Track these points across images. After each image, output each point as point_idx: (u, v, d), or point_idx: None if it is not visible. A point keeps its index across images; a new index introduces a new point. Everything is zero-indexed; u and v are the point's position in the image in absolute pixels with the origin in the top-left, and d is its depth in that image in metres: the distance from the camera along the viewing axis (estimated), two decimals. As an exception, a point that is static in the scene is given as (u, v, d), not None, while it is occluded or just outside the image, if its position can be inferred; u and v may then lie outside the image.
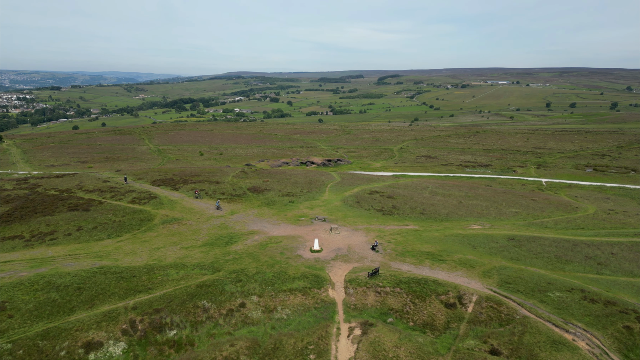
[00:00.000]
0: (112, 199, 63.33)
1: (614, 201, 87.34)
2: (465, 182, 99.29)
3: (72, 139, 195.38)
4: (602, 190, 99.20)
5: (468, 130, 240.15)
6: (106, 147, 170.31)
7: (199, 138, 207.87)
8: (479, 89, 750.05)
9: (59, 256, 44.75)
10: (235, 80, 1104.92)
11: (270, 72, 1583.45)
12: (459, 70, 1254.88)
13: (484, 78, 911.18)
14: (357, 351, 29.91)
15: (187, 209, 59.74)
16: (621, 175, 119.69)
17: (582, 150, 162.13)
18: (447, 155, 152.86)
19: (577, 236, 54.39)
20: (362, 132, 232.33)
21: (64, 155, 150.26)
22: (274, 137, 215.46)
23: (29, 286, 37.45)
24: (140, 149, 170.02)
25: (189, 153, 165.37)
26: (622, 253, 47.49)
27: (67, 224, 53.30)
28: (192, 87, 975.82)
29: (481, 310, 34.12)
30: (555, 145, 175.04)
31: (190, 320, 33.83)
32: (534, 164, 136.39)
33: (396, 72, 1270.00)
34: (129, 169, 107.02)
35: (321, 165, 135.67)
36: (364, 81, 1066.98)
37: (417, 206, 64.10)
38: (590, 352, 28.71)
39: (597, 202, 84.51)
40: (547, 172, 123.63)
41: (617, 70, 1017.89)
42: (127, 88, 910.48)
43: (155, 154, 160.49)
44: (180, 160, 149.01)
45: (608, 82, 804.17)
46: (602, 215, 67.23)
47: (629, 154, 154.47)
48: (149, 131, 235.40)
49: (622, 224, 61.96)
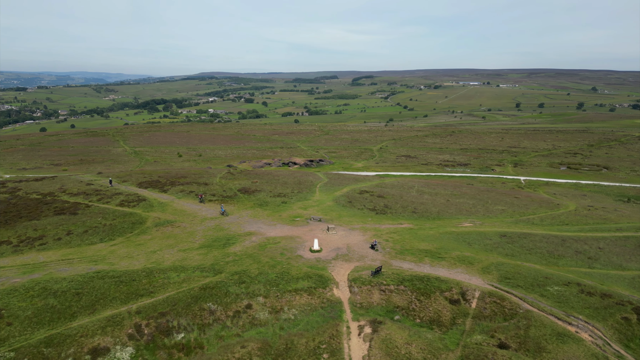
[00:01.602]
0: (100, 202, 61.75)
1: (591, 198, 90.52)
2: (448, 181, 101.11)
3: (43, 141, 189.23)
4: (578, 188, 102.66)
5: (444, 130, 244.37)
6: (79, 150, 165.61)
7: (176, 139, 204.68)
8: (451, 89, 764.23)
9: (52, 261, 43.42)
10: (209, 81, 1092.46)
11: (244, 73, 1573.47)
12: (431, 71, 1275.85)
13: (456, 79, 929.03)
14: (370, 349, 30.16)
15: (178, 211, 58.83)
16: (594, 173, 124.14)
17: (555, 149, 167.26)
18: (427, 155, 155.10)
19: (564, 232, 56.19)
20: (340, 132, 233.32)
21: (35, 158, 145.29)
22: (252, 137, 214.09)
23: (24, 293, 36.27)
24: (115, 151, 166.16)
25: (167, 155, 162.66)
26: (608, 247, 49.36)
27: (56, 228, 51.70)
28: (164, 87, 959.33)
29: (485, 306, 34.91)
30: (529, 144, 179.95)
31: (197, 323, 33.42)
32: (511, 163, 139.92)
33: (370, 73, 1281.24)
34: (108, 171, 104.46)
35: (303, 166, 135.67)
36: (338, 82, 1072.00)
37: (408, 205, 64.96)
38: (594, 343, 29.79)
39: (575, 198, 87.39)
40: (524, 171, 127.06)
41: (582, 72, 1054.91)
42: (97, 89, 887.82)
43: (132, 156, 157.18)
44: (159, 162, 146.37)
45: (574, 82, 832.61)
46: (583, 212, 69.61)
47: (599, 152, 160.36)
48: (123, 133, 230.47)
49: (603, 220, 64.31)
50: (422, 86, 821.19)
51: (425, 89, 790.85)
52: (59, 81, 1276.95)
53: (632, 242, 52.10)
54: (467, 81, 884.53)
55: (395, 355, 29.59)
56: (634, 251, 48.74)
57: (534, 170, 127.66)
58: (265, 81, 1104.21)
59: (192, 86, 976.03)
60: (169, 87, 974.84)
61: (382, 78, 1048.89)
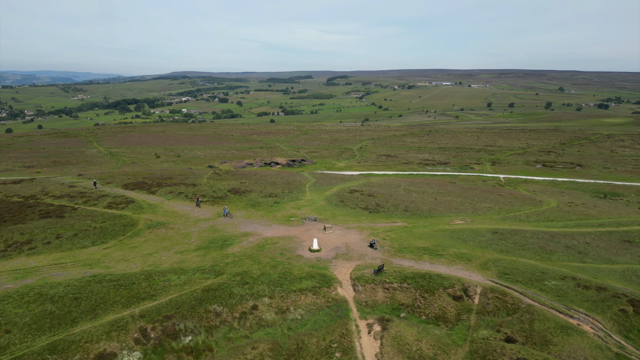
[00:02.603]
0: (86, 205, 60.07)
1: (569, 194, 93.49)
2: (431, 180, 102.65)
3: (12, 143, 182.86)
4: (555, 185, 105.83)
5: (421, 129, 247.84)
6: (52, 151, 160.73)
7: (152, 140, 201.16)
8: (424, 89, 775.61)
9: (43, 266, 42.03)
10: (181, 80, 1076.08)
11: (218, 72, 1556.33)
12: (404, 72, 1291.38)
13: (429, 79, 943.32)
14: (382, 347, 30.40)
15: (170, 213, 57.80)
16: (569, 170, 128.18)
17: (529, 148, 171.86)
18: (406, 154, 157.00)
19: (550, 228, 57.87)
20: (319, 132, 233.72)
21: (5, 160, 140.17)
22: (230, 138, 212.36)
23: (19, 299, 35.05)
24: (89, 152, 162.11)
25: (144, 155, 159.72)
26: (595, 242, 51.11)
27: (44, 232, 50.05)
28: (135, 87, 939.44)
29: (488, 301, 35.66)
30: (505, 143, 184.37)
31: (204, 325, 33.00)
32: (489, 161, 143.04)
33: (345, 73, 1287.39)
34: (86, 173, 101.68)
35: (286, 166, 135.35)
36: (313, 82, 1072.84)
37: (399, 204, 65.67)
38: (596, 335, 30.83)
39: (555, 195, 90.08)
40: (502, 169, 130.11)
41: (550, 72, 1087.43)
42: (64, 88, 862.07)
43: (107, 157, 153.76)
44: (136, 163, 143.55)
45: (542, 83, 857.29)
46: (565, 208, 71.83)
47: (572, 150, 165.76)
48: (96, 133, 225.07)
49: (585, 216, 66.53)
50: (396, 86, 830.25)
51: (399, 89, 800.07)
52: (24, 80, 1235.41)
53: (615, 237, 54.08)
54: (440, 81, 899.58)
55: (407, 352, 29.93)
56: (619, 245, 50.61)
57: (511, 169, 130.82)
58: (239, 81, 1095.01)
59: (164, 86, 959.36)
60: (140, 86, 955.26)
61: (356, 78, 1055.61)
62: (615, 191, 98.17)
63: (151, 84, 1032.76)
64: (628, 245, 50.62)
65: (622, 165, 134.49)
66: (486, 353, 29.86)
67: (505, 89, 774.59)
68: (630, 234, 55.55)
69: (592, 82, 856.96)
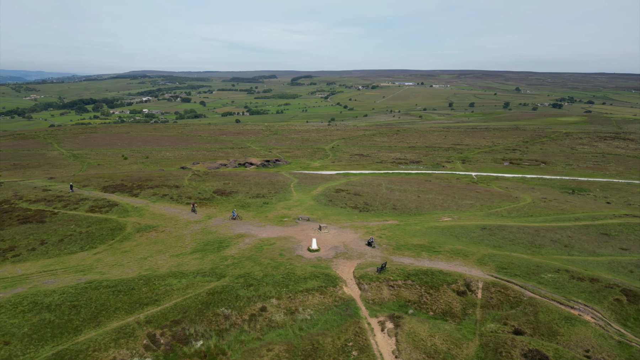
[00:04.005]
0: (66, 209, 57.52)
1: (540, 191, 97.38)
2: (409, 178, 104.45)
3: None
4: (525, 182, 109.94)
5: (390, 129, 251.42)
6: (10, 154, 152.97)
7: (116, 141, 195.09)
8: (387, 89, 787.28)
9: (32, 273, 40.02)
10: (141, 80, 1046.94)
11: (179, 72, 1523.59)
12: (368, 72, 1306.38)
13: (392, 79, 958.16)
14: (398, 343, 30.75)
15: (158, 216, 56.18)
16: (535, 167, 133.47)
17: (495, 146, 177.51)
18: (378, 153, 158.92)
19: (531, 223, 60.08)
20: (289, 132, 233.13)
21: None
22: (198, 138, 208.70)
23: (12, 308, 33.34)
24: (51, 155, 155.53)
25: (111, 157, 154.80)
26: (576, 236, 53.49)
27: (26, 238, 47.61)
28: (92, 86, 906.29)
29: (491, 295, 36.70)
30: (471, 142, 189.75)
31: (214, 328, 32.40)
32: (458, 160, 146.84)
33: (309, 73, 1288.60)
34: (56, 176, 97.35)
35: (260, 166, 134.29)
36: (277, 81, 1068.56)
37: (386, 202, 66.44)
38: (597, 324, 32.30)
39: (527, 192, 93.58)
40: (473, 167, 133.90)
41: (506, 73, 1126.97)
42: (16, 88, 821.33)
43: (71, 159, 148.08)
44: (104, 166, 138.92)
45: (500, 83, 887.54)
46: (540, 204, 74.70)
47: (535, 148, 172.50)
48: (55, 135, 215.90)
49: (561, 210, 69.43)
50: (360, 86, 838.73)
51: (363, 89, 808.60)
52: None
53: (593, 230, 56.75)
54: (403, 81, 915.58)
55: (423, 348, 30.41)
56: (599, 238, 53.16)
57: (481, 166, 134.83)
58: (201, 80, 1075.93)
59: (123, 85, 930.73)
60: (97, 86, 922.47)
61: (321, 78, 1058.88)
62: (581, 187, 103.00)
63: (109, 83, 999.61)
64: (607, 238, 53.23)
65: (583, 162, 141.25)
66: (497, 346, 30.74)
67: (465, 89, 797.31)
68: (606, 227, 58.43)
69: (546, 83, 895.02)
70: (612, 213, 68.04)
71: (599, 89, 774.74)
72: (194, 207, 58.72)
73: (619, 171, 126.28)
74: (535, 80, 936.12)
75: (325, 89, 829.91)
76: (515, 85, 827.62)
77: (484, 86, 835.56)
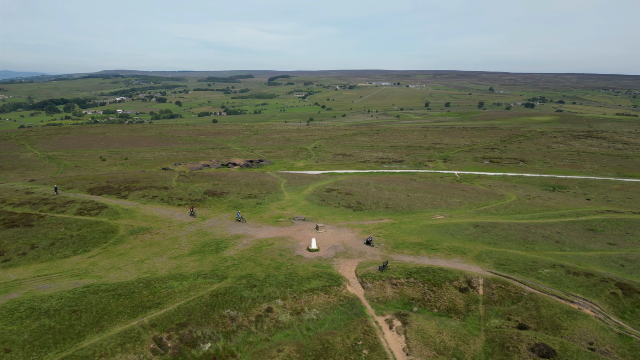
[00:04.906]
0: (53, 212, 55.86)
1: (522, 188, 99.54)
2: (395, 177, 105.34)
3: None
4: (506, 180, 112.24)
5: (370, 128, 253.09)
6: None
7: (93, 142, 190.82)
8: (365, 89, 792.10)
9: (25, 279, 38.76)
10: (114, 79, 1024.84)
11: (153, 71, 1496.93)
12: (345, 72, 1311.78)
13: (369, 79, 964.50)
14: (408, 341, 31.00)
15: (150, 217, 55.11)
16: (514, 166, 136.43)
17: (474, 145, 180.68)
18: (361, 153, 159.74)
19: (520, 220, 61.45)
20: (270, 132, 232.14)
21: None
22: (177, 139, 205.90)
23: (9, 315, 32.32)
24: (25, 156, 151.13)
25: (88, 159, 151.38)
26: (565, 232, 54.97)
27: (15, 242, 46.06)
28: (63, 86, 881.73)
29: (492, 291, 37.36)
30: (451, 141, 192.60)
31: (221, 330, 32.06)
32: (440, 158, 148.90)
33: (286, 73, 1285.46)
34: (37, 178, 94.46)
35: (244, 167, 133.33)
36: (254, 81, 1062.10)
37: (378, 201, 66.87)
38: (597, 318, 33.25)
39: (510, 189, 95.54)
40: (454, 165, 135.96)
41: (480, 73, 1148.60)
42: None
43: (46, 161, 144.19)
44: (81, 167, 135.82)
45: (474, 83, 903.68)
46: (525, 201, 76.44)
47: (512, 146, 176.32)
48: (27, 136, 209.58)
49: (545, 207, 71.20)
50: (337, 86, 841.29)
51: (340, 89, 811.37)
52: None
53: (579, 226, 58.43)
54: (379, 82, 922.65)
55: (432, 345, 30.75)
56: (586, 234, 54.79)
57: (462, 165, 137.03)
58: (176, 80, 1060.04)
59: (95, 85, 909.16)
60: (68, 85, 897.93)
61: (298, 78, 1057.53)
62: (560, 184, 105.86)
63: (80, 83, 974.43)
64: (593, 234, 54.90)
65: (559, 160, 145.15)
66: (503, 341, 31.32)
67: (441, 89, 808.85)
68: (591, 223, 60.23)
69: (518, 83, 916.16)
70: (594, 209, 70.23)
71: (569, 89, 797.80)
72: (192, 210, 57.13)
73: (595, 169, 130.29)
74: (508, 81, 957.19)
75: (303, 88, 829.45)
76: (489, 85, 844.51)
77: (459, 86, 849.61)
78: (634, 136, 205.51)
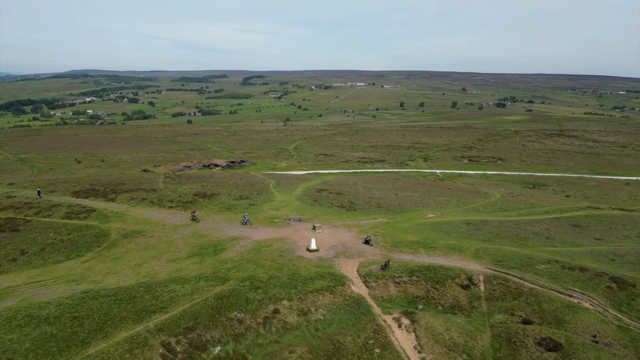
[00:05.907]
0: (39, 216, 54.05)
1: (503, 186, 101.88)
2: (378, 177, 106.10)
3: None
4: (487, 178, 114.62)
5: (349, 129, 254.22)
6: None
7: (66, 144, 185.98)
8: (340, 90, 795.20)
9: (19, 285, 37.41)
10: (83, 80, 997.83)
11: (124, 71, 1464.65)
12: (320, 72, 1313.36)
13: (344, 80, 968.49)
14: (418, 338, 31.32)
15: (142, 220, 53.90)
16: (493, 164, 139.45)
17: (452, 144, 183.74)
18: (342, 153, 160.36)
19: (508, 217, 62.82)
20: (248, 132, 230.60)
21: None
22: (154, 140, 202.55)
23: (6, 323, 31.23)
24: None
25: (62, 161, 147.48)
26: (553, 228, 56.51)
27: (3, 248, 44.47)
28: (29, 86, 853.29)
29: (493, 288, 38.10)
30: (429, 140, 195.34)
31: (230, 333, 31.69)
32: (420, 158, 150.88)
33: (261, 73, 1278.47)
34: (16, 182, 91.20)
35: (226, 167, 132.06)
36: (228, 81, 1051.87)
37: (369, 201, 67.25)
38: (597, 311, 34.32)
39: (491, 187, 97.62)
40: (435, 164, 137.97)
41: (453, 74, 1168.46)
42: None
43: (18, 164, 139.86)
44: (56, 170, 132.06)
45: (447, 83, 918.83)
46: (510, 199, 78.23)
47: (489, 145, 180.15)
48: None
49: (530, 204, 73.05)
50: (313, 86, 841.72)
51: (316, 89, 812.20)
52: None
53: (565, 222, 60.13)
54: (354, 82, 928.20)
55: (442, 342, 31.16)
56: (573, 230, 56.45)
57: (442, 164, 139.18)
58: (149, 80, 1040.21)
59: (63, 85, 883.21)
60: (35, 86, 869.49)
61: (273, 78, 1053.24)
62: (539, 182, 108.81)
63: (48, 83, 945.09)
64: (579, 230, 56.62)
65: (535, 158, 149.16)
66: (510, 336, 31.99)
67: (415, 89, 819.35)
68: (575, 219, 62.08)
69: (489, 83, 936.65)
70: (576, 206, 72.38)
71: (538, 89, 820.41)
72: (194, 215, 54.78)
73: (570, 166, 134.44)
74: (479, 81, 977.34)
75: (278, 89, 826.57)
76: (462, 86, 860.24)
77: (433, 86, 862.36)
78: (603, 134, 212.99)
